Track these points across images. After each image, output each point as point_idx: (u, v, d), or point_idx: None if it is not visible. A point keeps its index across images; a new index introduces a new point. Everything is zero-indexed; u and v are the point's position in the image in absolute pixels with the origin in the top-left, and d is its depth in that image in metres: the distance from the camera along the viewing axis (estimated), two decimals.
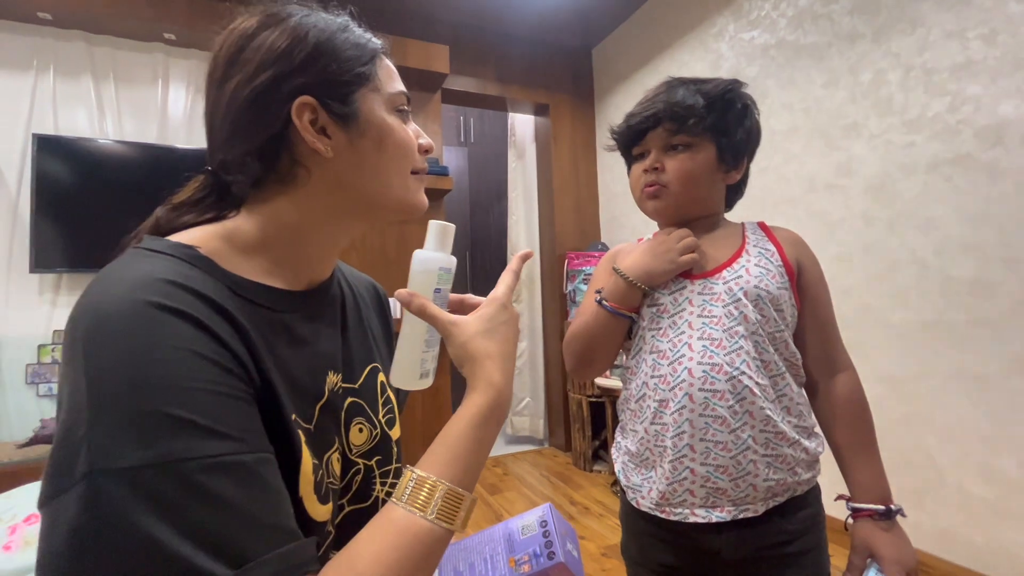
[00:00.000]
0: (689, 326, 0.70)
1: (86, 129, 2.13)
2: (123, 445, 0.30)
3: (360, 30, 0.49)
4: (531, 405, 3.32)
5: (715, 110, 0.72)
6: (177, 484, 0.30)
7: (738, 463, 0.66)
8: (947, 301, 1.55)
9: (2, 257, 2.00)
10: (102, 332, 0.32)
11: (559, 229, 3.11)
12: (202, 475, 0.31)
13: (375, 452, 0.53)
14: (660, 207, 0.75)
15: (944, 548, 1.56)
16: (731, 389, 0.66)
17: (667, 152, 0.73)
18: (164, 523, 0.29)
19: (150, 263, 0.37)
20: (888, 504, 0.68)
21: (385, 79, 0.49)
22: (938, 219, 1.57)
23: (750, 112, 0.75)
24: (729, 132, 0.73)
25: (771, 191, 2.10)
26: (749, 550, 0.68)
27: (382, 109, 0.48)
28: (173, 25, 2.16)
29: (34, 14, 2.02)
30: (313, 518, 0.41)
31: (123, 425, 0.30)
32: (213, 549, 0.30)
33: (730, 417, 0.66)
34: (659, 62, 2.73)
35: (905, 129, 1.65)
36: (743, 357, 0.67)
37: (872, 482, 0.70)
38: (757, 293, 0.69)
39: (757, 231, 0.77)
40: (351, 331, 0.55)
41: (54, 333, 2.03)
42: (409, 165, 0.50)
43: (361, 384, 0.54)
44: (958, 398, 1.52)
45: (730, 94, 0.73)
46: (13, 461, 1.78)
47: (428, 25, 2.79)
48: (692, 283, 0.72)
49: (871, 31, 1.74)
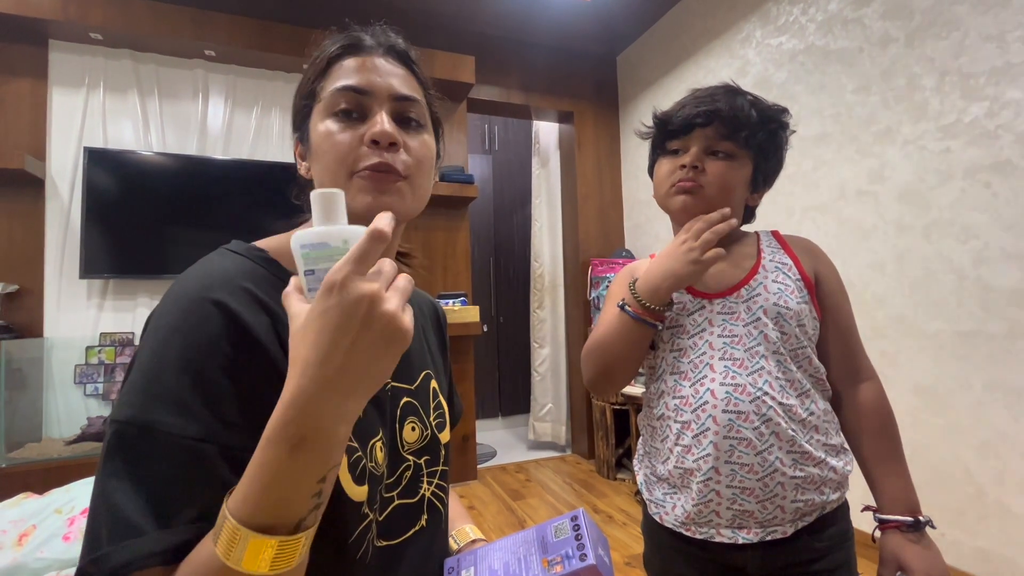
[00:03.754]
0: (710, 346, 0.69)
1: (132, 142, 2.25)
2: (137, 401, 0.37)
3: (332, 43, 0.50)
4: (553, 411, 3.32)
5: (766, 130, 0.71)
6: (150, 444, 0.36)
7: (765, 485, 0.64)
8: (986, 312, 1.50)
9: (54, 264, 2.12)
10: (169, 313, 0.40)
11: (583, 236, 3.12)
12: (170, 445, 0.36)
13: (424, 452, 0.55)
14: (691, 203, 0.71)
15: (983, 568, 1.50)
16: (755, 410, 0.65)
17: (708, 155, 0.71)
18: (126, 475, 0.36)
19: (224, 264, 0.44)
20: (917, 515, 0.66)
21: (331, 83, 0.47)
22: (976, 227, 1.52)
23: (786, 142, 0.75)
24: (768, 155, 0.73)
25: (799, 198, 2.07)
26: (776, 567, 0.67)
27: (319, 118, 0.48)
28: (213, 42, 2.26)
29: (86, 35, 2.14)
30: (348, 495, 0.43)
31: (142, 385, 0.38)
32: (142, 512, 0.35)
33: (756, 439, 0.64)
34: (684, 69, 2.72)
35: (940, 134, 1.61)
36: (766, 377, 0.66)
37: (900, 493, 0.68)
38: (777, 311, 0.68)
39: (772, 242, 0.76)
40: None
41: (101, 335, 2.13)
42: (342, 168, 0.46)
43: (417, 387, 0.56)
44: (998, 411, 1.47)
45: (783, 118, 0.73)
46: (63, 457, 1.88)
47: (454, 36, 2.85)
48: (711, 302, 0.71)
49: (904, 35, 1.71)
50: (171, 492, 0.36)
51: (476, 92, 2.87)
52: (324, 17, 2.53)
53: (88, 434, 1.98)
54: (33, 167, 2.02)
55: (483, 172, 3.97)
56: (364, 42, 0.49)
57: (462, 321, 2.47)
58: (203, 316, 0.39)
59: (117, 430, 0.37)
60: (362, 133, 0.46)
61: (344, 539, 0.43)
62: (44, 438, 2.01)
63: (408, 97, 0.49)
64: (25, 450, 1.90)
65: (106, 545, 0.34)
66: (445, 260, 2.75)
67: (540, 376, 3.37)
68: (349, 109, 0.47)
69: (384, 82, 0.48)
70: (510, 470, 2.91)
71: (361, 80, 0.47)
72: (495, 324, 3.97)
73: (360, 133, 0.46)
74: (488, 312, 3.91)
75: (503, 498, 2.48)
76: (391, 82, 0.49)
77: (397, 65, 0.50)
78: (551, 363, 3.35)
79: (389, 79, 0.49)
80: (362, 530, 0.45)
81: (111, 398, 2.13)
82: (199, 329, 0.39)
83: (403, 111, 0.49)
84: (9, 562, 0.77)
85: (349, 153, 0.46)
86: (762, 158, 0.72)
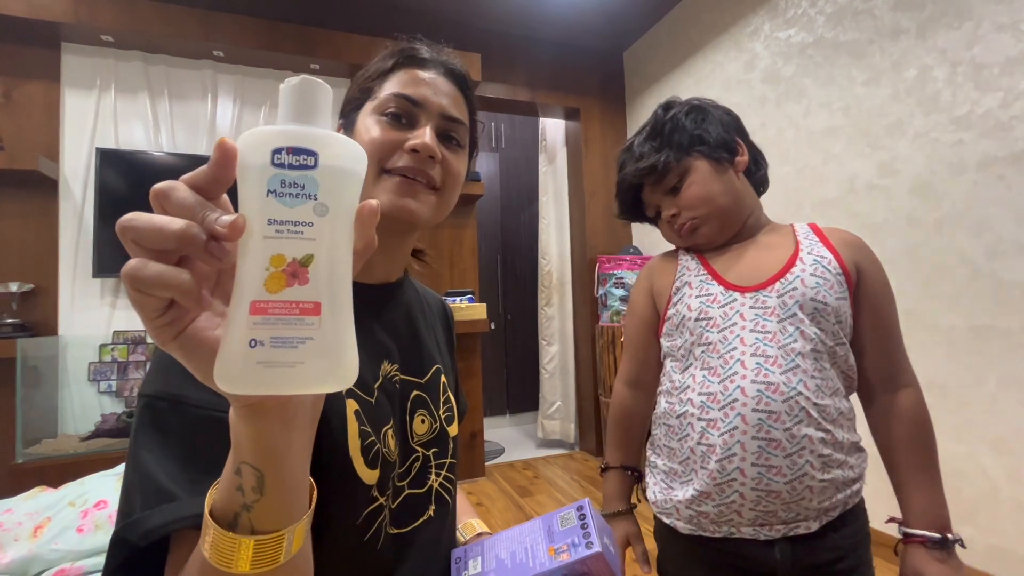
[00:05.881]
0: (741, 341, 0.65)
1: (143, 143, 2.28)
2: (162, 378, 0.40)
3: (396, 52, 0.53)
4: (562, 409, 3.32)
5: (671, 141, 0.71)
6: (180, 420, 0.38)
7: (793, 489, 0.62)
8: (1000, 306, 1.47)
9: (68, 263, 2.15)
10: None
11: (590, 233, 3.11)
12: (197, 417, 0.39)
13: (433, 444, 0.56)
14: (707, 233, 0.73)
15: (996, 565, 1.48)
16: (788, 411, 0.61)
17: (671, 196, 0.73)
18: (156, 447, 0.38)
19: None
20: (945, 533, 0.62)
21: (391, 87, 0.51)
22: (990, 220, 1.50)
23: (700, 108, 0.74)
24: (701, 139, 0.71)
25: (808, 192, 2.04)
26: (803, 568, 0.64)
27: (367, 115, 0.51)
28: (221, 43, 2.28)
29: (98, 37, 2.17)
30: (360, 477, 0.45)
31: (167, 362, 0.40)
32: (170, 481, 0.37)
33: (786, 441, 0.61)
34: (692, 63, 2.70)
35: (953, 127, 1.58)
36: (800, 376, 0.62)
37: (929, 508, 0.64)
38: (814, 306, 0.65)
39: (810, 235, 0.72)
40: (422, 333, 0.59)
41: (114, 334, 2.17)
42: (375, 162, 0.48)
43: (427, 381, 0.58)
44: (1012, 407, 1.45)
45: (668, 118, 0.73)
46: (78, 453, 1.91)
47: (459, 33, 2.85)
48: (743, 295, 0.67)
49: (915, 26, 1.68)
50: (200, 461, 0.38)
51: (482, 90, 2.87)
52: (331, 18, 2.54)
53: (102, 430, 2.01)
54: (47, 168, 2.05)
55: (490, 170, 3.96)
56: (428, 57, 0.53)
57: (469, 318, 2.48)
58: None
59: (147, 403, 0.39)
60: (404, 139, 0.49)
61: (352, 519, 0.44)
62: (60, 434, 2.05)
63: (456, 119, 0.53)
64: (41, 446, 1.93)
65: (139, 511, 0.36)
66: (452, 257, 2.76)
67: (548, 374, 3.37)
68: (399, 114, 0.50)
69: (437, 100, 0.51)
70: (518, 467, 2.92)
71: (417, 92, 0.50)
72: (503, 322, 3.97)
73: (403, 138, 0.49)
74: (496, 310, 3.91)
75: (511, 495, 2.49)
76: (443, 101, 0.52)
77: (453, 86, 0.54)
78: (559, 361, 3.35)
79: (442, 98, 0.52)
80: (371, 512, 0.46)
81: (124, 395, 2.16)
82: None
83: (448, 130, 0.52)
84: (25, 553, 0.79)
85: (387, 152, 0.48)
86: (699, 146, 0.71)
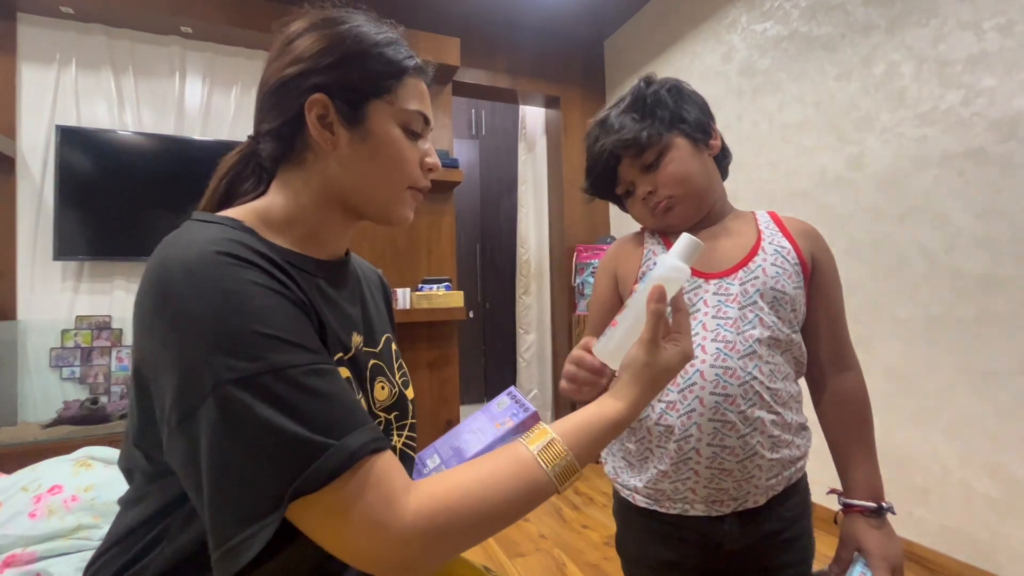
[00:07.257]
0: (703, 327, 0.67)
1: (106, 121, 2.19)
2: (236, 360, 0.37)
3: (405, 51, 0.53)
4: (539, 396, 3.35)
5: (655, 115, 0.71)
6: (286, 385, 0.38)
7: (744, 467, 0.65)
8: (956, 297, 1.53)
9: (27, 246, 2.07)
10: (191, 278, 0.39)
11: (568, 222, 3.12)
12: (304, 378, 0.39)
13: (394, 408, 0.59)
14: (680, 213, 0.72)
15: (948, 545, 1.55)
16: (743, 394, 0.65)
17: (648, 173, 0.71)
18: (283, 415, 0.37)
19: (208, 230, 0.43)
20: (880, 502, 0.68)
21: (407, 97, 0.52)
22: (949, 213, 1.55)
23: (680, 88, 0.74)
24: (681, 117, 0.72)
25: (780, 185, 2.08)
26: (751, 539, 0.69)
27: (390, 122, 0.51)
28: (189, 18, 2.20)
29: (57, 8, 2.07)
30: None
31: (230, 346, 0.37)
32: (323, 430, 0.38)
33: (740, 423, 0.65)
34: (671, 54, 2.70)
35: (918, 122, 1.63)
36: (756, 362, 0.66)
37: (867, 480, 0.70)
38: (774, 295, 0.67)
39: (770, 224, 0.74)
40: (368, 304, 0.62)
41: (77, 319, 2.10)
42: (404, 180, 0.53)
43: (381, 349, 0.61)
44: (965, 395, 1.51)
45: (650, 91, 0.72)
46: (39, 440, 1.85)
47: (438, 17, 2.80)
48: (707, 283, 0.69)
49: (885, 22, 1.72)
50: (337, 408, 0.40)
51: (461, 75, 2.83)
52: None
53: (64, 417, 1.95)
54: (3, 145, 1.96)
55: (470, 158, 3.93)
56: (430, 74, 0.57)
57: (446, 306, 2.47)
58: (225, 266, 0.40)
59: (245, 384, 0.37)
60: (420, 154, 0.54)
61: None
62: (20, 422, 1.99)
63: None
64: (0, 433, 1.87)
65: (306, 469, 0.36)
66: (429, 244, 2.73)
67: (525, 362, 3.39)
68: (418, 133, 0.54)
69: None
70: None
71: (430, 113, 0.56)
72: (481, 310, 3.97)
73: (419, 154, 0.54)
74: (474, 298, 3.91)
75: None
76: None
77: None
78: (536, 349, 3.37)
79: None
80: None
81: (89, 381, 2.10)
82: (234, 277, 0.40)
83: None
84: None
85: (414, 170, 0.54)
86: (680, 124, 0.71)
